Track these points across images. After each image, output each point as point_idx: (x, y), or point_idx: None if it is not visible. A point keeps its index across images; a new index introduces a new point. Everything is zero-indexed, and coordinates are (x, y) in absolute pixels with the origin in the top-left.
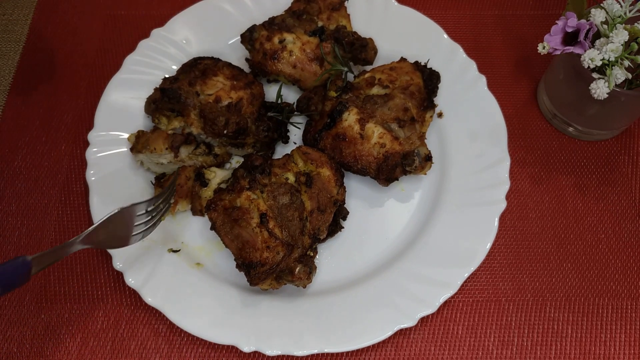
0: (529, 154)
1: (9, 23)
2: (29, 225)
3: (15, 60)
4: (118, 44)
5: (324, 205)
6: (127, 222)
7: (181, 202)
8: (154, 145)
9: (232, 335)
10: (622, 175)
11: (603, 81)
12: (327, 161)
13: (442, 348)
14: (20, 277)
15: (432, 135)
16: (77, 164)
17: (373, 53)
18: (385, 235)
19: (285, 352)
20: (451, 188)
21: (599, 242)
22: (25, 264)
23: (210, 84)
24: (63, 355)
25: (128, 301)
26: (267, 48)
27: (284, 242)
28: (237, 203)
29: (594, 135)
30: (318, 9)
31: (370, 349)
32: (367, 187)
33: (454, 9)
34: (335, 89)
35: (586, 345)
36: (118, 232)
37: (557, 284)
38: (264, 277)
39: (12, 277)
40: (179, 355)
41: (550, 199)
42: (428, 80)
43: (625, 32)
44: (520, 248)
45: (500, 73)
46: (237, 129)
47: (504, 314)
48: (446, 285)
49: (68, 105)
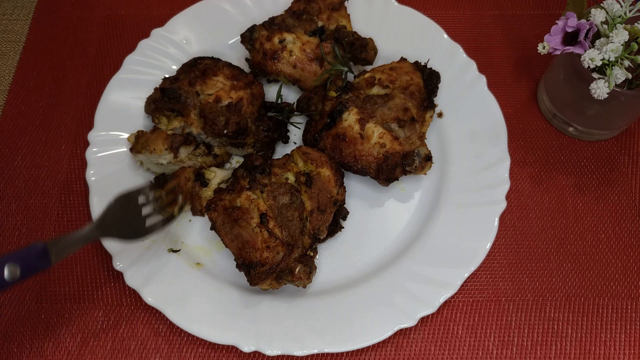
0: (529, 154)
1: (9, 23)
2: (29, 225)
3: (15, 60)
4: (118, 44)
5: (324, 205)
6: (134, 209)
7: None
8: (153, 146)
9: (232, 335)
10: (622, 175)
11: (603, 81)
12: (327, 161)
13: (442, 348)
14: (39, 260)
15: (432, 135)
16: (77, 164)
17: (373, 53)
18: (385, 235)
19: (285, 352)
20: (451, 188)
21: (599, 242)
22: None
23: (210, 83)
24: (63, 355)
25: (128, 301)
26: (267, 48)
27: (284, 242)
28: (237, 203)
29: (594, 135)
30: (318, 9)
31: (370, 349)
32: (367, 187)
33: (454, 9)
34: (335, 89)
35: (586, 345)
36: (128, 220)
37: (557, 284)
38: (264, 277)
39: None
40: (179, 355)
41: (550, 199)
42: (428, 80)
43: (625, 32)
44: (520, 248)
45: (500, 73)
46: (237, 129)
47: (504, 314)
48: (446, 285)
49: (68, 105)
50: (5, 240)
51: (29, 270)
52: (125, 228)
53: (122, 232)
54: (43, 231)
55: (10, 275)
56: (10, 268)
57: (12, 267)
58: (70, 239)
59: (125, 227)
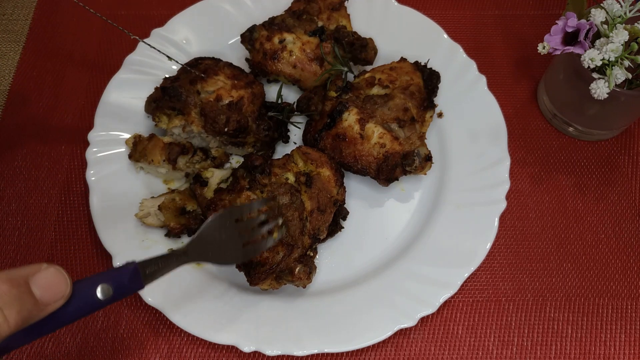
0: (529, 154)
1: (9, 23)
2: (29, 225)
3: (15, 60)
4: (118, 44)
5: (324, 205)
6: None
7: (189, 203)
8: (151, 157)
9: (232, 335)
10: (622, 175)
11: (603, 81)
12: (327, 161)
13: (442, 348)
14: (132, 281)
15: (432, 135)
16: (77, 164)
17: (373, 53)
18: (385, 235)
19: (285, 352)
20: (451, 188)
21: (599, 242)
22: (135, 268)
23: (211, 82)
24: (63, 355)
25: (128, 301)
26: (267, 48)
27: (284, 242)
28: (237, 203)
29: (594, 135)
30: (318, 9)
31: (370, 349)
32: (367, 187)
33: (454, 9)
34: (335, 89)
35: (586, 345)
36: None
37: (557, 284)
38: (264, 277)
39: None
40: (179, 355)
41: (550, 199)
42: (428, 80)
43: (625, 32)
44: (520, 248)
45: (500, 73)
46: (237, 127)
47: (504, 314)
48: (446, 285)
49: (68, 105)
50: (5, 240)
51: (122, 291)
52: (223, 252)
53: (218, 256)
54: (43, 231)
55: (103, 295)
56: (104, 288)
57: (105, 287)
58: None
59: (223, 251)
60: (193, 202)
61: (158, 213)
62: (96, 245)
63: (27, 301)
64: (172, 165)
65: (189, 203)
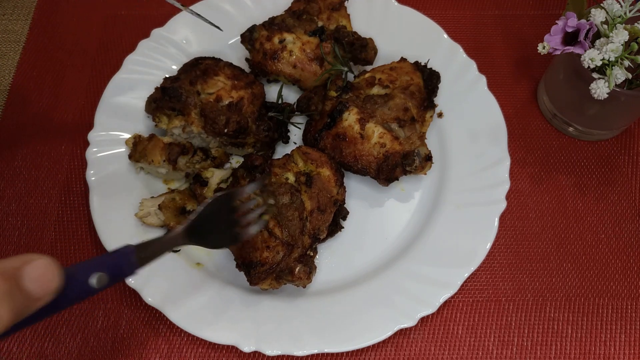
0: (529, 154)
1: (9, 23)
2: (29, 225)
3: (15, 60)
4: (118, 44)
5: (324, 205)
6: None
7: (189, 203)
8: (151, 157)
9: (232, 335)
10: (622, 175)
11: (603, 81)
12: (327, 161)
13: (442, 348)
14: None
15: (432, 135)
16: (77, 164)
17: (373, 53)
18: (385, 235)
19: (285, 352)
20: (451, 188)
21: (599, 242)
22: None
23: (211, 83)
24: (63, 355)
25: (128, 301)
26: (267, 48)
27: (284, 242)
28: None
29: (594, 135)
30: (318, 9)
31: (370, 349)
32: (367, 187)
33: (454, 9)
34: (335, 89)
35: (586, 345)
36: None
37: (557, 284)
38: (264, 277)
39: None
40: (179, 355)
41: (550, 199)
42: (428, 80)
43: (625, 32)
44: (520, 248)
45: (500, 73)
46: (237, 128)
47: (504, 314)
48: (446, 285)
49: (68, 105)
50: (5, 240)
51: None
52: (216, 235)
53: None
54: (43, 231)
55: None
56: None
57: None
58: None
59: (216, 235)
60: (193, 202)
61: (158, 213)
62: (96, 245)
63: (18, 296)
64: (172, 166)
65: (189, 203)
